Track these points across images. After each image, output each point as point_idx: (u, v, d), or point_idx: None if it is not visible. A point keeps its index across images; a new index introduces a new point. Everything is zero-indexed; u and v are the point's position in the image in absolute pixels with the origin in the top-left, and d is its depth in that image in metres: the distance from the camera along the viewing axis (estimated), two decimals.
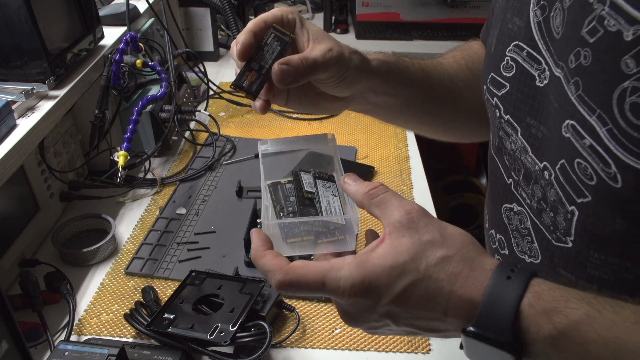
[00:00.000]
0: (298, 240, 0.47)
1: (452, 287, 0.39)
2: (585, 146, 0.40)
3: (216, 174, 1.08)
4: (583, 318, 0.36)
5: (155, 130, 1.08)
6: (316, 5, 2.01)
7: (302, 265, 0.41)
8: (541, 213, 0.49)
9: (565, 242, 0.47)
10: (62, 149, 0.96)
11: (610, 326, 0.35)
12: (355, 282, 0.39)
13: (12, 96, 0.76)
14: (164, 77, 1.02)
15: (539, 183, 0.48)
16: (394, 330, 0.43)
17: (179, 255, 0.87)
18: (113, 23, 1.10)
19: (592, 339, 0.35)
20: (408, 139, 1.21)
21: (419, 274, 0.39)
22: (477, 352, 0.39)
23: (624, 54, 0.36)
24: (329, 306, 0.78)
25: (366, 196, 0.44)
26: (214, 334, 0.66)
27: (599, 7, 0.38)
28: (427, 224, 0.41)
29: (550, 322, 0.36)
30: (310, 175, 0.52)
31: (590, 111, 0.39)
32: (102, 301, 0.79)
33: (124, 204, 1.00)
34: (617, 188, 0.38)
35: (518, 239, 0.54)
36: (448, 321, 0.40)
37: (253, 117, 1.31)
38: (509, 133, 0.52)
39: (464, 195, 2.25)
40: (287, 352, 0.72)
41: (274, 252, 0.43)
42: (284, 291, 0.42)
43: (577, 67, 0.40)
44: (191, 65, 1.29)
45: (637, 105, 0.36)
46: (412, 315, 0.40)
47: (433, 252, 0.39)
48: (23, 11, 0.76)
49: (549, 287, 0.37)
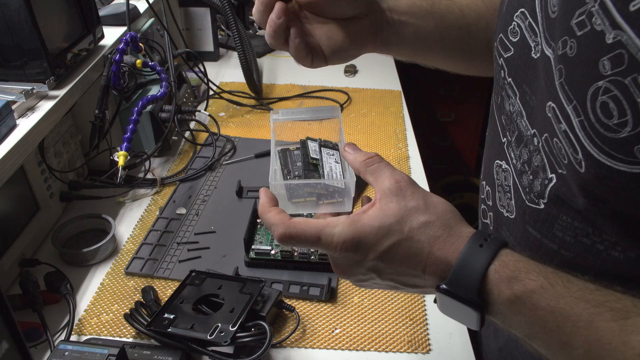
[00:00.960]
0: (301, 200, 0.53)
1: (431, 248, 0.44)
2: (560, 130, 0.43)
3: (216, 174, 1.08)
4: (537, 288, 0.41)
5: (155, 130, 1.08)
6: None
7: (301, 221, 0.46)
8: (522, 175, 0.52)
9: (538, 204, 0.51)
10: (62, 149, 0.96)
11: (559, 298, 0.40)
12: (347, 239, 0.45)
13: (12, 96, 0.76)
14: (164, 77, 1.02)
15: (528, 147, 0.51)
16: (378, 284, 0.49)
17: (179, 255, 0.87)
18: (113, 23, 1.10)
19: (541, 306, 0.40)
20: (408, 139, 1.21)
21: (403, 234, 0.44)
22: (448, 306, 0.44)
23: (604, 54, 0.37)
24: (329, 306, 0.79)
25: (362, 164, 0.49)
26: (214, 334, 0.66)
27: (590, 2, 0.38)
28: (414, 192, 0.46)
29: (510, 288, 0.41)
30: (316, 143, 0.58)
31: (568, 100, 0.42)
32: (102, 301, 0.79)
33: (124, 204, 1.00)
34: (582, 172, 0.42)
35: (501, 193, 0.58)
36: (425, 278, 0.45)
37: (253, 117, 1.31)
38: (510, 95, 0.54)
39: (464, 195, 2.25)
40: (287, 352, 0.72)
41: (278, 209, 0.48)
42: (284, 243, 0.46)
43: (563, 55, 0.42)
44: (191, 65, 1.29)
45: (606, 104, 0.38)
46: (394, 270, 0.46)
47: (416, 217, 0.45)
48: (23, 11, 0.76)
49: (515, 259, 0.43)
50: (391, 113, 1.33)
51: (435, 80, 2.24)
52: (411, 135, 1.23)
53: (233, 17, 1.30)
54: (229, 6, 1.30)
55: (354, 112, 1.33)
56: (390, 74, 1.54)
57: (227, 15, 1.31)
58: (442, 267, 0.44)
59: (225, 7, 1.30)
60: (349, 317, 0.77)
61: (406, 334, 0.74)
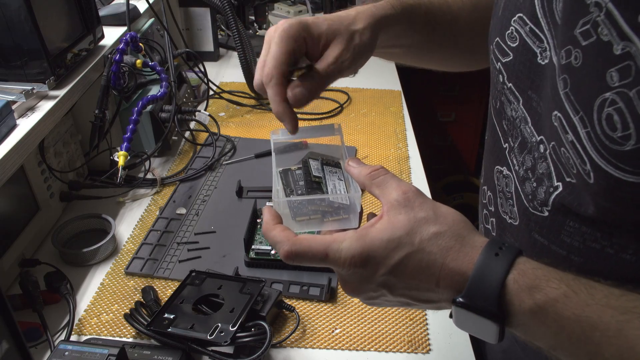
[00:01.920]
0: (306, 218, 0.51)
1: (444, 260, 0.42)
2: (567, 140, 0.43)
3: (216, 174, 1.08)
4: (561, 297, 0.39)
5: (155, 130, 1.08)
6: (316, 5, 2.01)
7: (307, 238, 0.44)
8: (525, 181, 0.52)
9: (542, 211, 0.50)
10: (62, 149, 0.96)
11: (584, 306, 0.38)
12: (355, 254, 0.43)
13: (12, 96, 0.76)
14: (164, 77, 1.02)
15: (533, 154, 0.50)
16: (390, 300, 0.46)
17: (179, 255, 0.87)
18: (113, 23, 1.10)
19: (566, 315, 0.39)
20: (408, 139, 1.21)
21: (413, 247, 0.42)
22: (465, 320, 0.42)
23: (611, 66, 0.37)
24: (329, 306, 0.78)
25: (368, 177, 0.48)
26: (214, 334, 0.66)
27: (595, 12, 0.38)
28: (422, 202, 0.45)
29: (531, 297, 0.39)
30: (318, 162, 0.56)
31: (575, 111, 0.41)
32: (102, 301, 0.79)
33: (124, 204, 1.00)
34: (591, 183, 0.41)
35: (502, 199, 0.57)
36: (439, 292, 0.43)
37: (253, 117, 1.31)
38: (511, 100, 0.53)
39: (464, 195, 2.25)
40: (287, 352, 0.72)
41: (282, 226, 0.46)
42: (290, 261, 0.44)
43: (567, 65, 0.41)
44: (191, 65, 1.29)
45: (611, 116, 0.38)
46: (406, 285, 0.44)
47: (427, 228, 0.43)
48: (23, 11, 0.76)
49: (532, 267, 0.41)
50: (391, 113, 1.33)
51: (435, 80, 2.24)
52: (411, 135, 1.23)
53: (233, 17, 1.30)
54: (229, 6, 1.30)
55: (354, 112, 1.33)
56: (390, 74, 1.54)
57: (227, 15, 1.31)
58: (457, 278, 0.42)
59: (225, 7, 1.30)
60: (349, 317, 0.77)
61: (406, 334, 0.74)
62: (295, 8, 1.99)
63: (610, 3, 0.37)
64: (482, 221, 0.66)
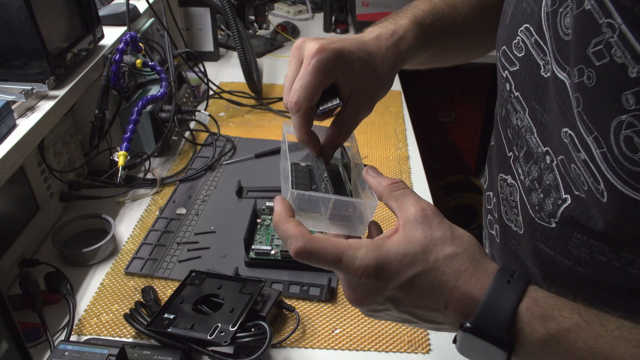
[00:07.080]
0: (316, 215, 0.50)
1: (456, 282, 0.41)
2: (579, 159, 0.42)
3: (216, 174, 1.08)
4: (573, 327, 0.38)
5: (155, 130, 1.08)
6: (316, 5, 2.01)
7: (323, 238, 0.43)
8: (531, 192, 0.51)
9: (549, 222, 0.49)
10: (62, 149, 0.96)
11: (597, 337, 0.38)
12: (370, 264, 0.42)
13: (12, 96, 0.76)
14: (164, 77, 1.02)
15: (539, 164, 0.50)
16: (392, 316, 0.46)
17: (179, 255, 0.87)
18: (113, 23, 1.10)
19: (579, 346, 0.38)
20: (408, 139, 1.21)
21: (428, 265, 0.42)
22: (471, 346, 0.41)
23: (627, 88, 0.36)
24: (329, 306, 0.78)
25: (387, 188, 0.47)
26: (214, 334, 0.66)
27: (607, 33, 0.37)
28: (440, 222, 0.44)
29: (544, 326, 0.39)
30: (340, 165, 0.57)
31: (588, 131, 0.41)
32: (102, 301, 0.79)
33: (124, 204, 1.00)
34: (603, 202, 0.41)
35: (507, 207, 0.57)
36: (446, 314, 0.42)
37: (253, 117, 1.31)
38: (517, 109, 0.53)
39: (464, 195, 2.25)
40: (287, 352, 0.72)
41: (297, 221, 0.45)
42: (300, 258, 0.43)
43: (580, 84, 0.41)
44: (191, 65, 1.29)
45: (630, 139, 0.37)
46: (414, 302, 0.43)
47: (442, 248, 0.42)
48: (23, 11, 0.76)
49: (544, 295, 0.40)
50: (391, 113, 1.33)
51: (435, 80, 2.24)
52: (411, 135, 1.23)
53: (233, 17, 1.30)
54: (229, 6, 1.30)
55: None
56: None
57: (227, 15, 1.31)
58: (467, 302, 0.41)
59: (225, 7, 1.30)
60: (349, 317, 0.77)
61: (406, 334, 0.74)
62: (295, 8, 1.99)
63: (623, 25, 0.36)
64: (486, 226, 0.65)
